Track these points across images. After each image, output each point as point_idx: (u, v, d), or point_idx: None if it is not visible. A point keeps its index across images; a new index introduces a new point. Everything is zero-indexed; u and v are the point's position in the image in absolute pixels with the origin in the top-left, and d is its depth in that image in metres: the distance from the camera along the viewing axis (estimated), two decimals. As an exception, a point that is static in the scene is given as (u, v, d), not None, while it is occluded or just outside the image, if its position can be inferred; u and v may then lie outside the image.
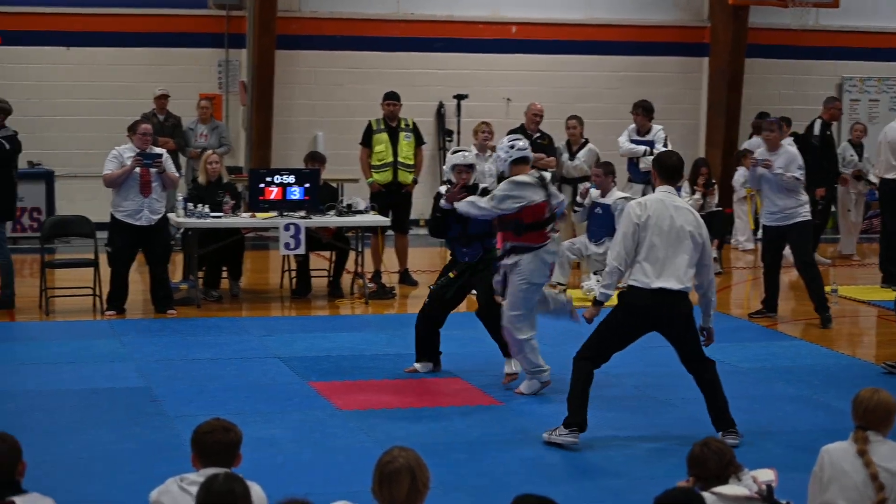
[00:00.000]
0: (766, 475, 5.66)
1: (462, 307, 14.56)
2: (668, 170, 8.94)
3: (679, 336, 8.85)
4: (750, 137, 20.49)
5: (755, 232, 19.09)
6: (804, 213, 13.18)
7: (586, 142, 16.61)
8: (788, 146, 13.63)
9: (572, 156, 16.48)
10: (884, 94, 22.38)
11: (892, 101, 21.97)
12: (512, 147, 10.19)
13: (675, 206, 8.80)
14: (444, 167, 11.01)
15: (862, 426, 6.00)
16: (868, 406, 6.02)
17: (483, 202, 10.12)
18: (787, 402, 10.19)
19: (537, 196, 10.04)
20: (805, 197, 13.28)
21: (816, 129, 17.64)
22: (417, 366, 10.93)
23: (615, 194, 14.57)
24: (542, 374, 10.26)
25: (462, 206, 10.27)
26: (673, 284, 8.62)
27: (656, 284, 8.61)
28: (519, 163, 10.17)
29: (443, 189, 10.78)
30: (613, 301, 8.87)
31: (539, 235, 10.10)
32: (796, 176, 13.05)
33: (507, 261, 10.14)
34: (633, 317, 8.77)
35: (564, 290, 12.97)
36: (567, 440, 8.70)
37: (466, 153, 10.84)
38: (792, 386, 10.72)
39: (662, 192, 8.87)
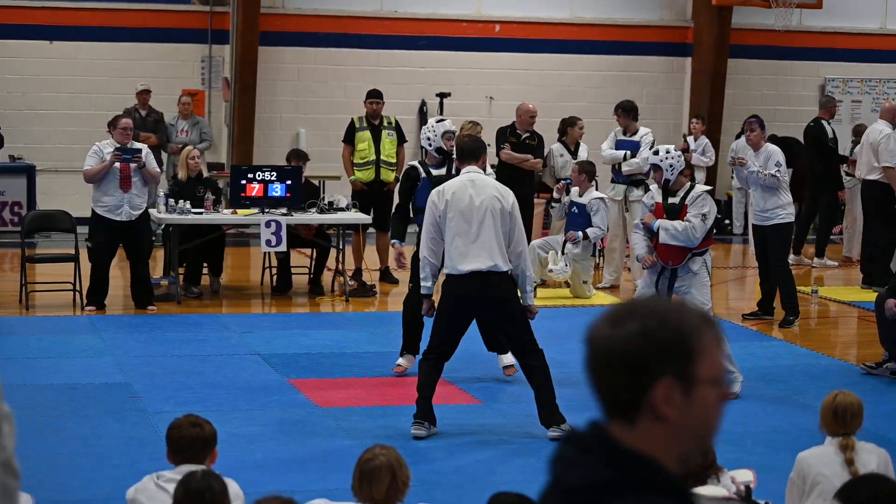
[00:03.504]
0: (745, 476, 5.67)
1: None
2: (461, 152, 9.12)
3: (501, 322, 8.86)
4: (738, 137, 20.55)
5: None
6: (784, 214, 12.94)
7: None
8: (770, 144, 13.35)
9: (574, 155, 16.20)
10: (866, 95, 22.42)
11: (874, 103, 21.97)
12: (682, 156, 10.30)
13: (476, 183, 8.81)
14: (430, 135, 10.69)
15: (846, 432, 6.01)
16: (852, 411, 6.03)
17: (699, 227, 10.09)
18: (766, 403, 10.20)
19: None
20: (787, 198, 12.95)
21: (829, 131, 17.34)
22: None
23: (592, 193, 14.51)
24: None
25: (680, 234, 10.18)
26: (481, 265, 8.64)
27: (465, 268, 8.66)
28: (683, 171, 10.37)
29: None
30: None
31: (711, 239, 10.40)
32: (772, 173, 12.79)
33: (694, 265, 10.22)
34: (453, 305, 8.82)
35: (535, 288, 12.92)
36: (416, 432, 8.80)
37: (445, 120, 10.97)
38: (771, 386, 10.73)
39: (465, 174, 8.93)
